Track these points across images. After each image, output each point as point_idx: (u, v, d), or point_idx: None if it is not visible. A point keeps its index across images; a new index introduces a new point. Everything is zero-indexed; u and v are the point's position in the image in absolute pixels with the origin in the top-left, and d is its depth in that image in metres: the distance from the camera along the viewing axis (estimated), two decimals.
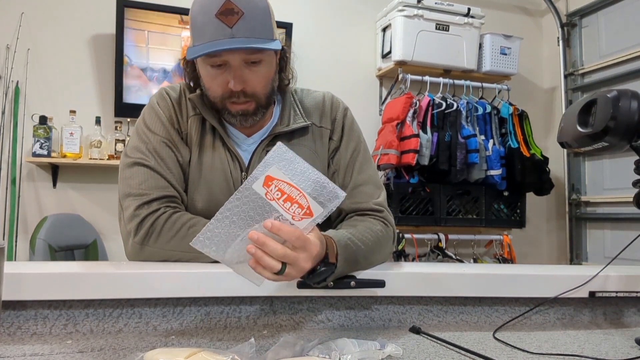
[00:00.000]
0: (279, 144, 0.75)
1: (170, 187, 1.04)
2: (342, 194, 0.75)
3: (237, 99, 1.02)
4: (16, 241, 2.58)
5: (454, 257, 2.98)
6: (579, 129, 0.94)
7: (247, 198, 0.73)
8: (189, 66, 1.08)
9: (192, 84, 1.11)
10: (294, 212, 0.74)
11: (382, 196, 1.13)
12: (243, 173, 1.09)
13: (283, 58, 1.10)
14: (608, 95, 0.89)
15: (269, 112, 1.14)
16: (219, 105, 1.05)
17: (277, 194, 0.73)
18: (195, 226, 1.00)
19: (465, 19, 3.08)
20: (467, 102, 3.01)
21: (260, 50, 0.98)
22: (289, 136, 1.12)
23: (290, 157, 0.74)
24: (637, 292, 1.08)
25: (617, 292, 1.07)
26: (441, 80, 3.03)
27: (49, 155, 2.57)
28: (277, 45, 1.00)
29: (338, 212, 1.11)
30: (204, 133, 1.09)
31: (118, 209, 1.06)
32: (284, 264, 0.74)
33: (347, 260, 0.88)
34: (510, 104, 3.11)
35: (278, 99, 1.16)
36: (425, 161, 2.81)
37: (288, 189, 0.73)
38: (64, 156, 2.61)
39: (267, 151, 1.08)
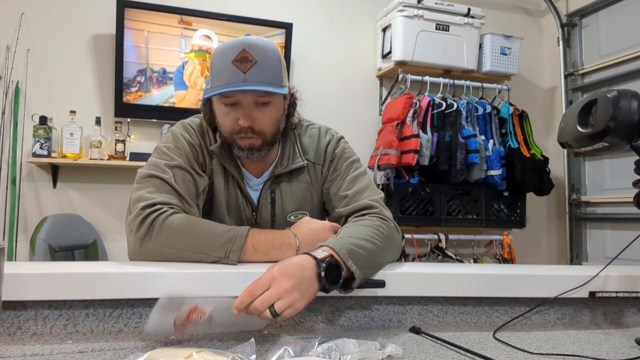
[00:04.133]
0: None
1: (181, 198, 1.08)
2: None
3: (245, 134, 1.10)
4: (16, 241, 2.58)
5: (454, 257, 2.97)
6: (579, 129, 0.94)
7: None
8: (207, 105, 1.17)
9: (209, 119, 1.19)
10: None
11: (380, 197, 1.18)
12: (253, 213, 1.20)
13: (292, 104, 1.20)
14: (608, 95, 0.89)
15: (275, 151, 1.21)
16: (229, 140, 1.12)
17: None
18: (195, 222, 1.02)
19: (466, 19, 3.07)
20: (467, 102, 3.01)
21: (268, 93, 1.07)
22: (288, 175, 1.22)
23: None
24: (637, 292, 1.08)
25: (617, 292, 1.07)
26: (441, 80, 3.03)
27: (49, 156, 2.56)
28: (284, 91, 1.09)
29: (339, 217, 1.17)
30: (225, 173, 1.18)
31: (125, 213, 1.08)
32: (270, 307, 0.77)
33: (361, 267, 0.90)
34: (511, 104, 3.10)
35: (280, 140, 1.23)
36: (426, 161, 2.81)
37: None
38: (64, 156, 2.60)
39: (271, 190, 1.19)
